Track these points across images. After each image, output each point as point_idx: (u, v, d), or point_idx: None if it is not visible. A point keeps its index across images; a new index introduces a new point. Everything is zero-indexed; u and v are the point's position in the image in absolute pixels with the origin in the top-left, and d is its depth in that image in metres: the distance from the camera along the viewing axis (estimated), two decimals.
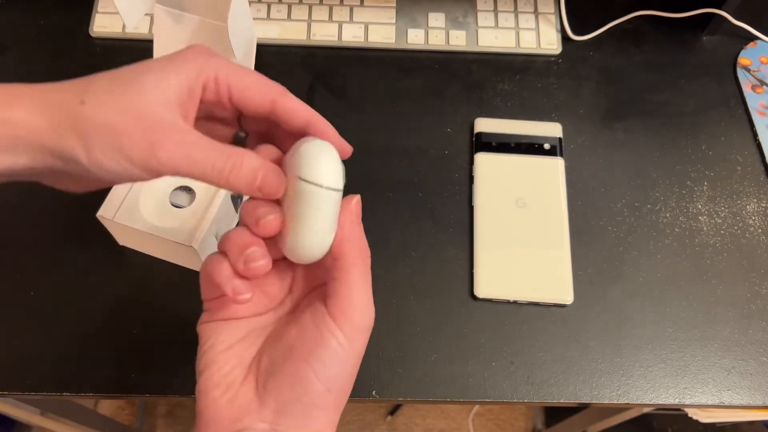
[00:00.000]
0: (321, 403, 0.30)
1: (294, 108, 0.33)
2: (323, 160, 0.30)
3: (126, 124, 0.29)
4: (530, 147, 0.61)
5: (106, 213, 0.51)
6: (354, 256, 0.31)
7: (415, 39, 0.68)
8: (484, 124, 0.63)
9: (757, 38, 0.69)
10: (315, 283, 0.35)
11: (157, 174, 0.30)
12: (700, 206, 0.60)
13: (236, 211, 0.57)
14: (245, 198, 0.57)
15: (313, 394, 0.29)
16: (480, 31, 0.69)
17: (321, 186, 0.30)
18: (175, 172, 0.30)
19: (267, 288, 0.34)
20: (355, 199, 0.32)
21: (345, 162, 0.32)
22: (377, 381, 0.51)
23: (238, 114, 0.35)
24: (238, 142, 0.36)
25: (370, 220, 0.40)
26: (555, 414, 1.18)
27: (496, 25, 0.69)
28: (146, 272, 0.55)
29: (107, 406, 1.25)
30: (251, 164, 0.31)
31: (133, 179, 0.30)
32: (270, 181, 0.31)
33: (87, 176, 0.30)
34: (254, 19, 0.68)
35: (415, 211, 0.59)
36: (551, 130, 0.62)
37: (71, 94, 0.29)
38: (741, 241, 0.58)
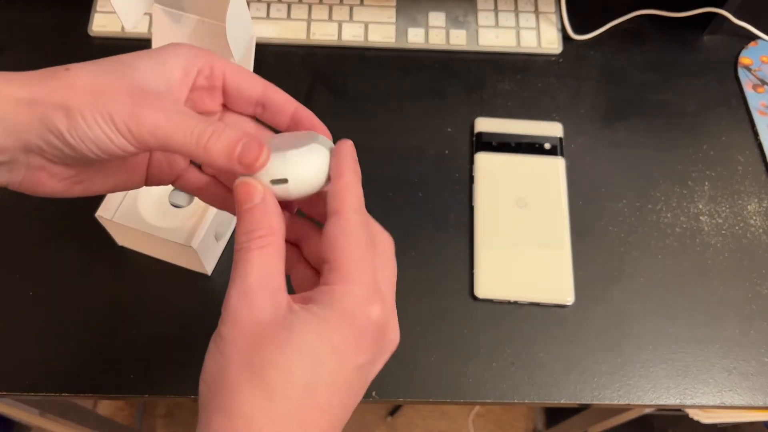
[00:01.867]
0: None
1: (283, 96, 0.33)
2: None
3: (112, 87, 0.28)
4: (531, 147, 0.61)
5: (105, 213, 0.51)
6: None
7: (415, 38, 0.68)
8: (485, 124, 0.63)
9: (758, 38, 0.68)
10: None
11: (138, 141, 0.28)
12: (701, 206, 0.60)
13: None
14: None
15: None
16: (480, 30, 0.68)
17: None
18: (155, 138, 0.29)
19: None
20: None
21: None
22: (377, 381, 0.51)
23: (222, 109, 0.35)
24: None
25: None
26: (555, 415, 1.18)
27: (497, 25, 0.69)
28: (145, 272, 0.55)
29: (106, 407, 1.25)
30: (232, 132, 0.30)
31: (110, 150, 0.29)
32: (250, 150, 0.29)
33: (64, 154, 0.29)
34: (254, 18, 0.68)
35: (415, 211, 0.59)
36: (552, 129, 0.62)
37: (57, 67, 0.29)
38: (742, 241, 0.58)
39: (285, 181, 0.30)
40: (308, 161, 0.31)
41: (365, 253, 0.29)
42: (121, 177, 0.34)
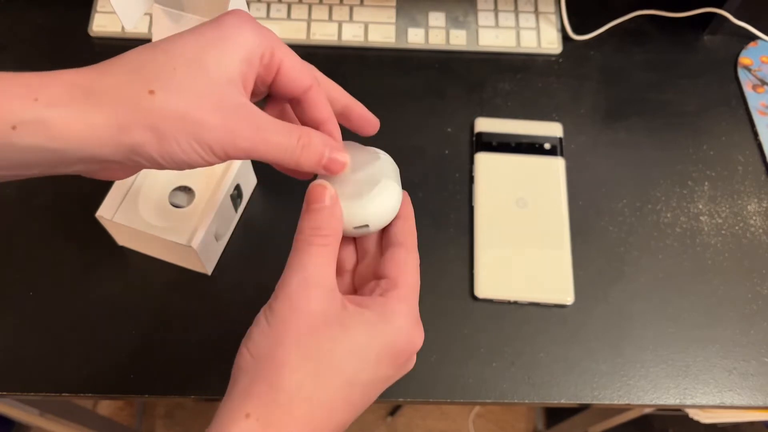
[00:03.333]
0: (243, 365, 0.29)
1: (322, 102, 0.35)
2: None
3: (202, 112, 0.28)
4: (531, 147, 0.61)
5: (105, 213, 0.51)
6: None
7: (415, 38, 0.68)
8: (485, 124, 0.63)
9: (758, 38, 0.68)
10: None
11: (229, 159, 0.30)
12: (701, 206, 0.60)
13: (236, 211, 0.56)
14: (246, 199, 0.57)
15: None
16: (480, 30, 0.68)
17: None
18: (248, 156, 0.30)
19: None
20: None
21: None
22: None
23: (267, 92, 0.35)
24: None
25: None
26: (556, 415, 1.18)
27: (497, 25, 0.69)
28: (145, 272, 0.55)
29: (106, 407, 1.25)
30: (318, 143, 0.32)
31: (201, 165, 0.30)
32: (336, 159, 0.33)
33: (147, 166, 0.29)
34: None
35: (415, 211, 0.59)
36: (552, 129, 0.62)
37: (136, 84, 0.28)
38: (742, 241, 0.58)
39: (366, 226, 0.34)
40: (385, 205, 0.34)
41: (417, 286, 0.33)
42: None
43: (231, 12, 0.31)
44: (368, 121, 0.39)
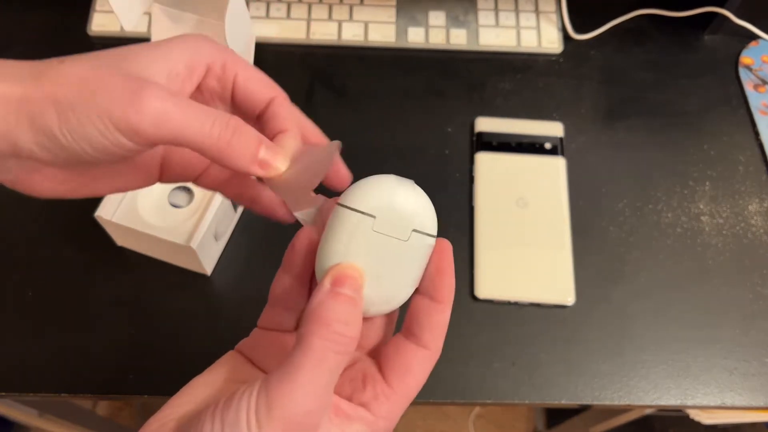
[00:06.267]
0: None
1: (284, 115, 0.30)
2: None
3: (108, 79, 0.25)
4: (531, 146, 0.61)
5: (104, 213, 0.51)
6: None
7: (416, 38, 0.68)
8: (485, 124, 0.62)
9: (759, 37, 0.68)
10: None
11: (142, 138, 0.25)
12: (702, 206, 0.60)
13: (235, 211, 0.56)
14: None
15: None
16: (481, 29, 0.68)
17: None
18: (160, 130, 0.25)
19: None
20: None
21: (345, 161, 0.31)
22: None
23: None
24: None
25: None
26: (556, 415, 1.18)
27: (497, 24, 0.69)
28: (145, 273, 0.55)
29: (106, 407, 1.25)
30: (253, 133, 0.27)
31: (110, 150, 0.25)
32: (274, 154, 0.27)
33: (58, 157, 0.25)
34: (253, 17, 0.68)
35: None
36: (552, 129, 0.62)
37: (51, 60, 0.26)
38: (743, 241, 0.58)
39: (372, 304, 0.27)
40: (400, 288, 0.28)
41: (421, 384, 0.28)
42: (128, 178, 0.31)
43: (189, 33, 0.29)
44: (338, 173, 0.32)
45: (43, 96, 0.25)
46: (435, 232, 0.29)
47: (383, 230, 0.27)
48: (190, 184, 0.53)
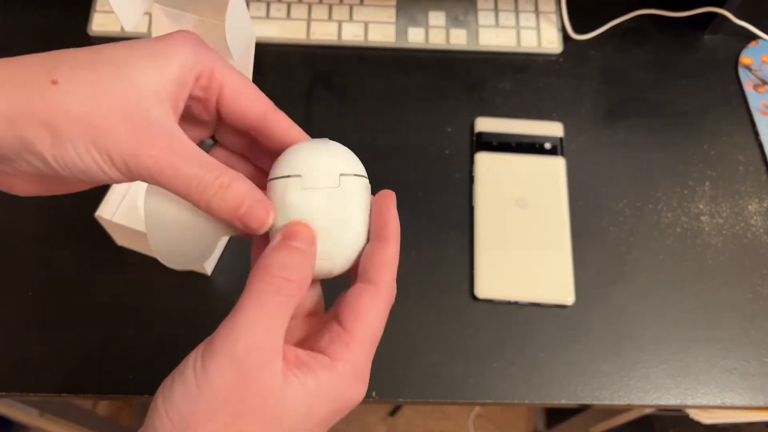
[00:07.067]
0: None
1: (285, 128, 0.30)
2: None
3: (109, 116, 0.25)
4: (531, 146, 0.61)
5: (104, 213, 0.51)
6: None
7: (416, 38, 0.68)
8: (485, 124, 0.62)
9: (759, 37, 0.68)
10: None
11: (131, 177, 0.26)
12: (701, 206, 0.60)
13: None
14: None
15: None
16: (480, 29, 0.68)
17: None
18: (153, 179, 0.26)
19: None
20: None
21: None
22: (377, 381, 0.51)
23: (217, 119, 0.31)
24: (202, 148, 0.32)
25: None
26: (556, 415, 1.18)
27: (497, 24, 0.69)
28: (145, 273, 0.55)
29: (106, 407, 1.25)
30: (239, 188, 0.27)
31: (99, 180, 0.26)
32: (256, 212, 0.27)
33: (44, 170, 0.26)
34: (253, 18, 0.68)
35: (415, 211, 0.59)
36: (552, 129, 0.62)
37: (39, 69, 0.25)
38: (743, 241, 0.58)
39: (330, 259, 0.29)
40: (351, 237, 0.29)
41: (379, 331, 0.28)
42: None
43: (179, 31, 0.28)
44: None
45: (35, 120, 0.24)
46: (364, 173, 0.30)
47: (313, 184, 0.28)
48: None
